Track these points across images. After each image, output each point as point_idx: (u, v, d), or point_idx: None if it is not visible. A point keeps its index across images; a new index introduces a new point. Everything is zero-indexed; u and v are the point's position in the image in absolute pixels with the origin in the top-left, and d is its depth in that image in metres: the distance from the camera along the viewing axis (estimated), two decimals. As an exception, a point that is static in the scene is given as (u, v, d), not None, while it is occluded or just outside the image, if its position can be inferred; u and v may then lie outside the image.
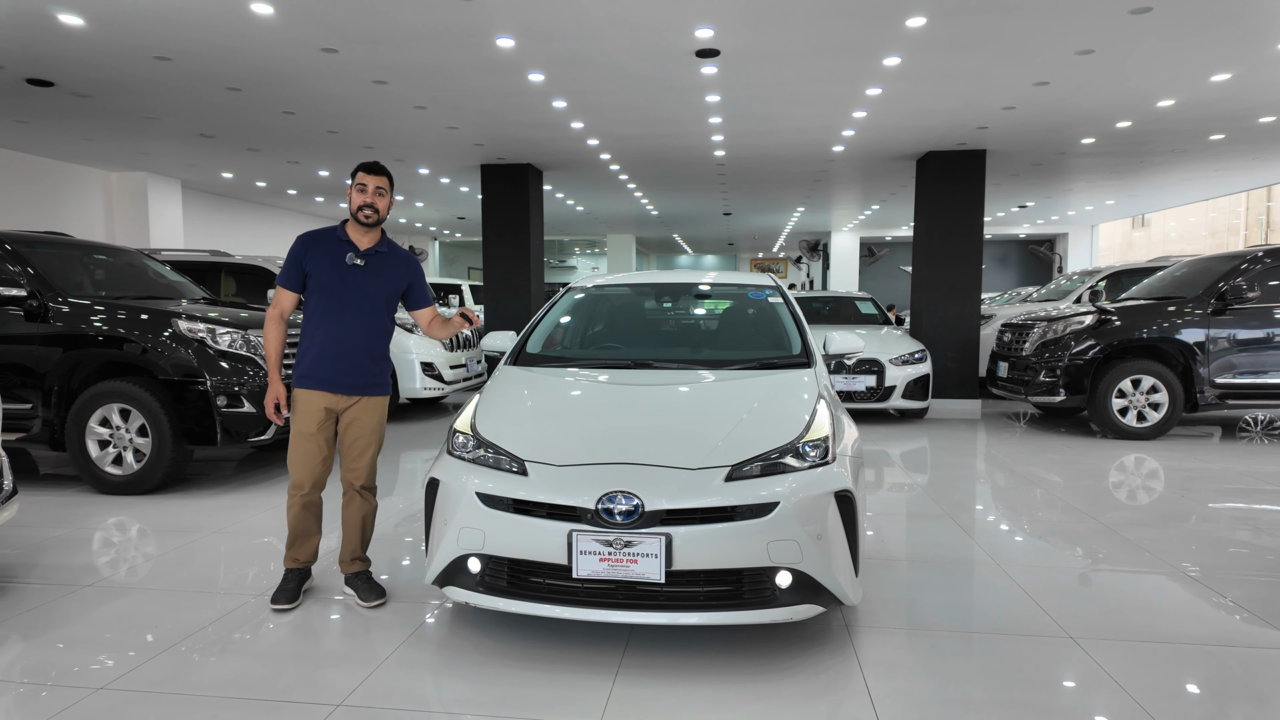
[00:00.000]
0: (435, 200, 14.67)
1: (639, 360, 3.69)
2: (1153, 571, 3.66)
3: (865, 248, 21.07)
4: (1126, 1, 5.02)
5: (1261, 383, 7.13)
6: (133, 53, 5.92)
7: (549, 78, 6.55)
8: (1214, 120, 8.25)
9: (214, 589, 3.45)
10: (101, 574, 3.64)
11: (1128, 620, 3.11)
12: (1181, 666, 2.72)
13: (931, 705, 2.46)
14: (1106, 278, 10.70)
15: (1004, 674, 2.67)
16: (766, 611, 2.62)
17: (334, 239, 3.21)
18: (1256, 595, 3.35)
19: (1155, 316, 7.37)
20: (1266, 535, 4.23)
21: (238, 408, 5.27)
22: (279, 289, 3.21)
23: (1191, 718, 2.37)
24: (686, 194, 13.64)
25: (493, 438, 2.95)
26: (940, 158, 9.75)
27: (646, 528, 2.58)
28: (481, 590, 2.77)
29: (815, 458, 2.80)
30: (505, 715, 2.40)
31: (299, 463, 3.18)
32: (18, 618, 3.12)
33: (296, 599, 3.22)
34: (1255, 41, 5.75)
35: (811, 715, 2.41)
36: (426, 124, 8.22)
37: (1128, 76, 6.60)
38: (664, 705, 2.45)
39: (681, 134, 8.71)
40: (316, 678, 2.64)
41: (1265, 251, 7.50)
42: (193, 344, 5.24)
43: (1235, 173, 11.78)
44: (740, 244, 25.88)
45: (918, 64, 6.20)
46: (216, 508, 4.82)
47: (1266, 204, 27.32)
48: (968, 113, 7.78)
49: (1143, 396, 7.34)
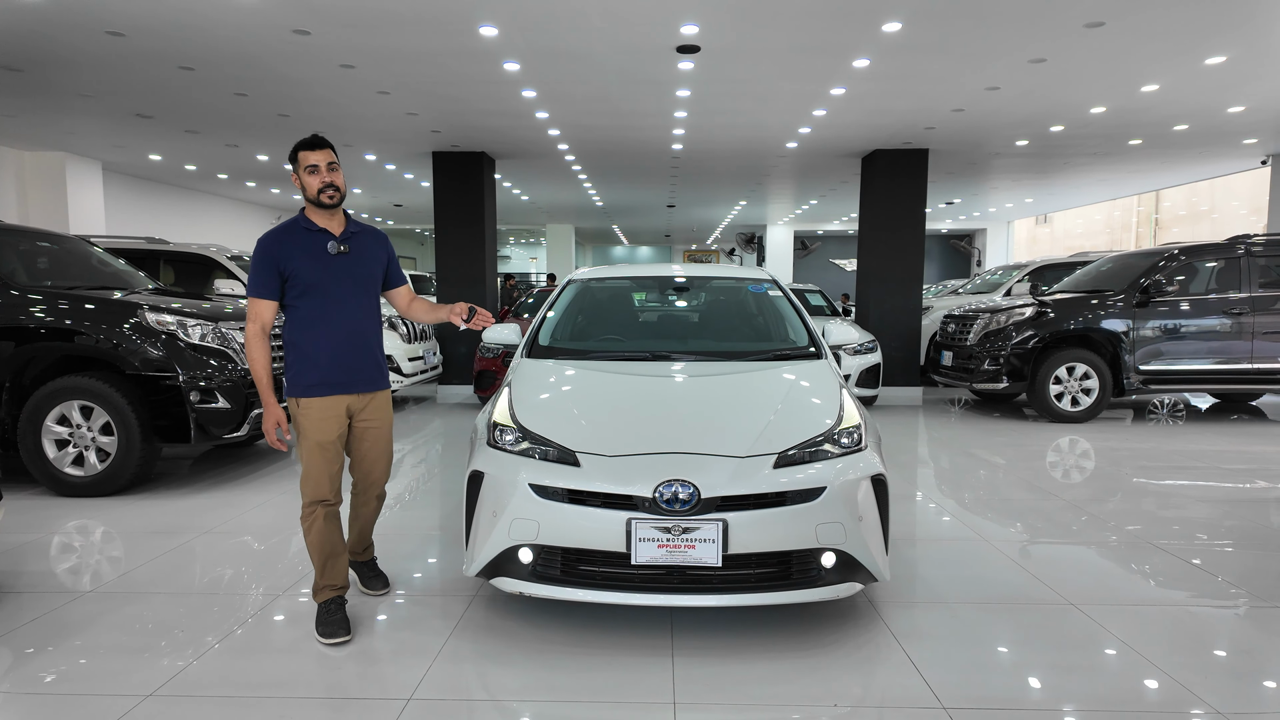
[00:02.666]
0: (375, 187, 14.25)
1: (657, 353, 3.77)
2: (1122, 543, 4.01)
3: (799, 241, 21.65)
4: (1082, 15, 5.39)
5: (1180, 369, 7.80)
6: (83, 27, 5.54)
7: (525, 67, 6.50)
8: (1136, 126, 8.90)
9: (224, 590, 3.36)
10: (100, 579, 3.48)
11: (1115, 587, 3.42)
12: (1175, 625, 3.02)
13: (970, 669, 2.66)
14: (1031, 272, 11.40)
15: (1024, 638, 2.91)
16: (813, 590, 2.77)
17: (303, 232, 2.90)
18: (1219, 561, 3.73)
19: (1087, 308, 7.94)
20: (1214, 506, 4.68)
21: (211, 403, 5.07)
22: (255, 300, 2.85)
23: (1193, 667, 2.65)
24: (635, 185, 13.72)
25: (539, 429, 2.98)
26: (887, 155, 10.15)
27: (704, 514, 2.68)
28: (535, 580, 2.81)
29: (851, 444, 2.97)
30: (581, 699, 2.46)
31: (320, 475, 2.88)
32: (24, 628, 2.96)
33: (350, 628, 2.89)
34: (1188, 56, 6.26)
35: (867, 684, 2.58)
36: (385, 110, 8.00)
37: (1070, 84, 7.07)
38: (727, 682, 2.57)
39: (644, 126, 8.77)
40: (375, 673, 2.63)
41: (1181, 249, 8.18)
42: (162, 337, 5.01)
43: (1146, 175, 12.71)
44: (676, 235, 26.14)
45: (884, 66, 6.47)
46: (196, 508, 4.64)
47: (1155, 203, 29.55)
48: (920, 113, 8.14)
49: (1077, 383, 7.91)
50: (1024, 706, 2.42)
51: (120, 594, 3.30)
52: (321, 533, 2.90)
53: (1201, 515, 4.52)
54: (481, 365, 8.38)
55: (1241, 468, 5.79)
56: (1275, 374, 7.71)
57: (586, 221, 21.00)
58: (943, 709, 2.40)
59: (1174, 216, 22.59)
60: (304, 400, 2.89)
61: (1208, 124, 8.80)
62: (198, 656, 2.72)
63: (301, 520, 2.92)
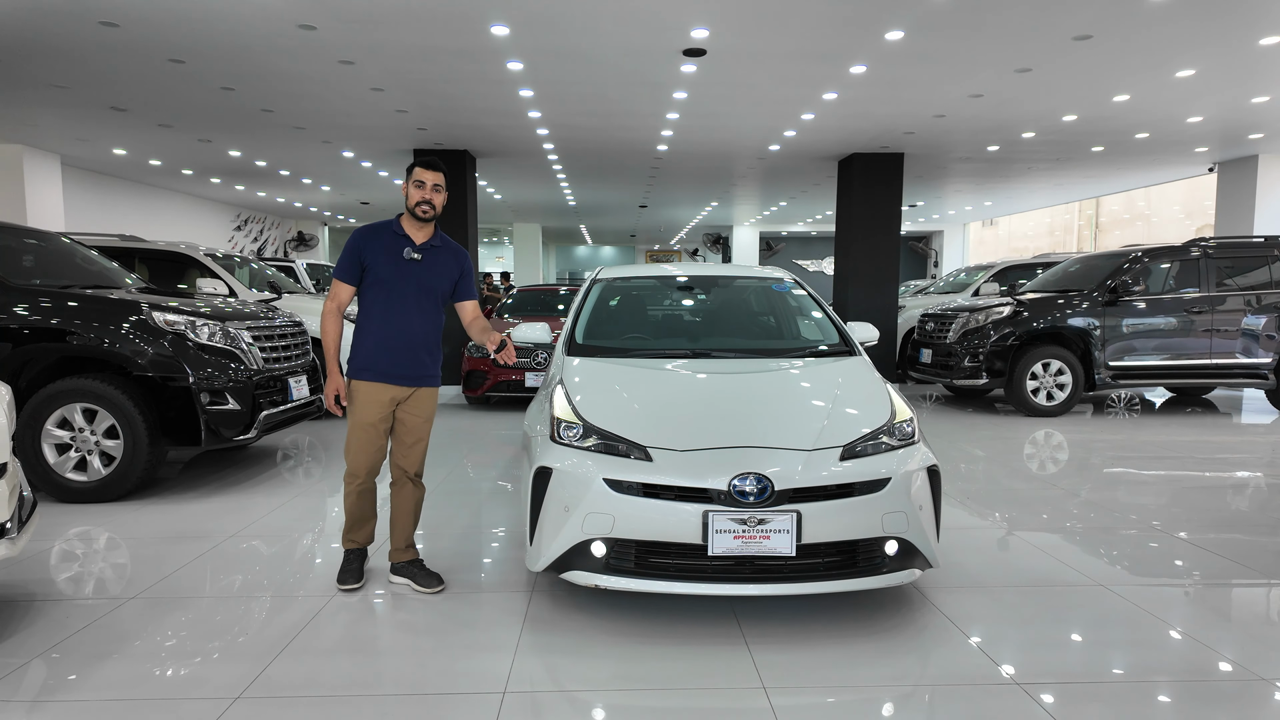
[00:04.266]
0: (345, 184, 14.00)
1: (698, 350, 3.85)
2: (1129, 527, 4.25)
3: (764, 242, 22.00)
4: (1072, 28, 5.66)
5: (1147, 364, 8.22)
6: (77, 16, 5.36)
7: (528, 66, 6.51)
8: (1102, 134, 9.36)
9: (272, 592, 3.31)
10: (138, 585, 3.39)
11: (1133, 568, 3.64)
12: (1200, 601, 3.24)
13: (1029, 647, 2.81)
14: (996, 273, 11.85)
15: (1068, 616, 3.09)
16: (878, 578, 2.89)
17: (390, 233, 3.24)
18: (1222, 540, 3.99)
19: (1060, 308, 8.32)
20: (1204, 493, 4.98)
21: (222, 405, 4.97)
22: (336, 282, 3.22)
23: (1224, 642, 2.86)
24: (612, 185, 13.78)
25: (605, 425, 3.03)
26: (864, 159, 10.44)
27: (778, 505, 2.77)
28: (608, 572, 2.86)
29: (906, 437, 3.10)
30: (672, 687, 2.52)
31: (358, 452, 3.22)
32: (75, 636, 2.88)
33: (362, 578, 3.33)
34: (1162, 69, 6.63)
35: (937, 665, 2.70)
36: (375, 106, 7.90)
37: (1049, 93, 7.40)
38: (806, 666, 2.66)
39: (635, 127, 8.85)
40: (461, 669, 2.65)
41: (1144, 251, 8.62)
42: (170, 337, 4.88)
43: (1099, 180, 13.33)
44: (641, 236, 26.27)
45: (880, 73, 6.67)
46: (211, 512, 4.54)
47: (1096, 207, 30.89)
48: (903, 118, 8.41)
49: (1052, 378, 8.27)
50: (1092, 680, 2.58)
51: (165, 599, 3.23)
52: (355, 503, 3.32)
53: (1195, 501, 4.81)
54: (470, 365, 8.35)
55: (1215, 456, 6.16)
56: (1232, 368, 8.19)
57: (554, 221, 20.96)
58: (1016, 685, 2.53)
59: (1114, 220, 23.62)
60: (354, 381, 3.22)
61: (1166, 132, 9.29)
62: (273, 658, 2.69)
63: (344, 481, 3.31)
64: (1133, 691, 2.51)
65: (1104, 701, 2.44)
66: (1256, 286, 8.23)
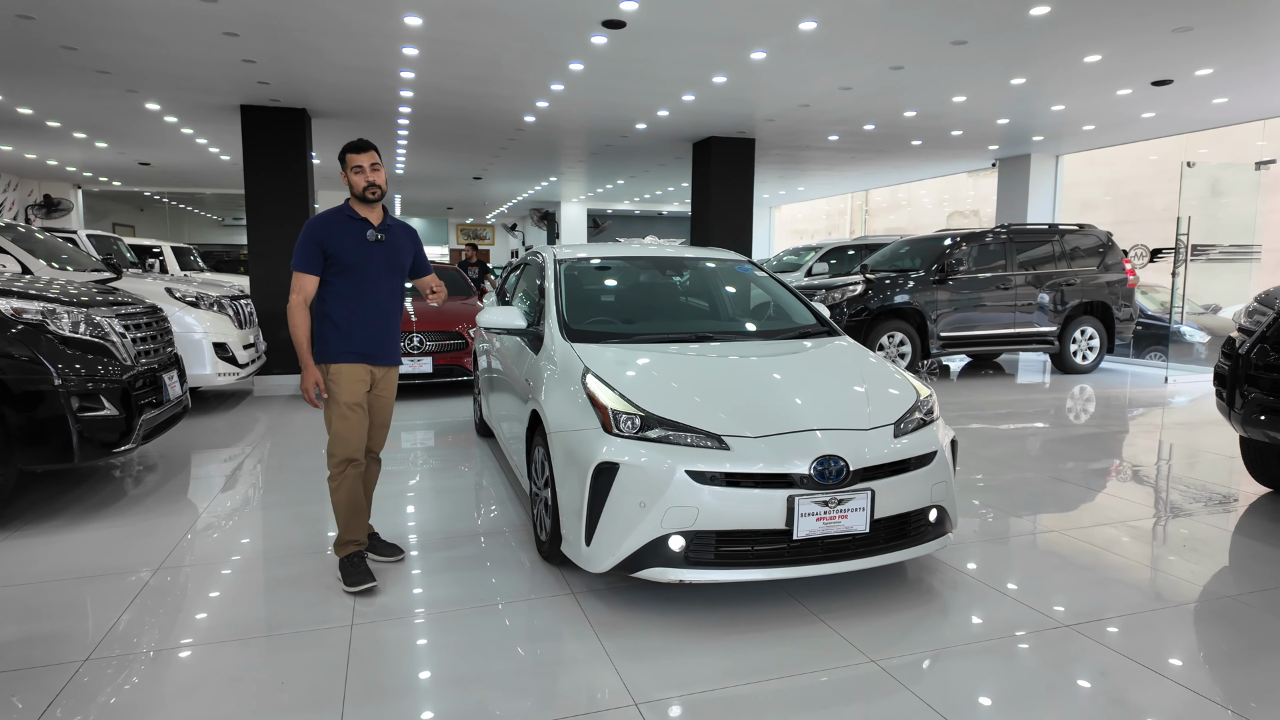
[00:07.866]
0: (130, 142, 11.88)
1: (700, 334, 3.82)
2: (1047, 479, 4.90)
3: (592, 219, 22.06)
4: (949, 34, 6.26)
5: (971, 334, 9.44)
6: None
7: (426, 22, 5.93)
8: (927, 130, 10.47)
9: (270, 630, 2.83)
10: (85, 643, 2.72)
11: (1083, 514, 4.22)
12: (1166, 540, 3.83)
13: (1052, 591, 3.16)
14: (824, 254, 12.94)
15: (1078, 558, 3.51)
16: (924, 545, 3.09)
17: (347, 219, 3.26)
18: (1118, 482, 4.73)
19: (903, 286, 9.28)
20: (1067, 443, 5.84)
21: (96, 410, 4.09)
22: (300, 275, 3.20)
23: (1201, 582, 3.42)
24: (454, 156, 13.02)
25: (670, 414, 2.92)
26: (720, 142, 10.81)
27: (854, 485, 2.85)
28: (690, 566, 2.78)
29: (931, 412, 3.32)
30: (788, 674, 2.52)
31: (351, 436, 3.21)
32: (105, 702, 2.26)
33: (374, 575, 3.21)
34: (1003, 76, 7.54)
35: (991, 618, 2.95)
36: (218, 54, 6.76)
37: (909, 91, 8.13)
38: (889, 636, 2.79)
39: (510, 96, 8.42)
40: (582, 684, 2.45)
41: (961, 236, 9.83)
42: (22, 329, 3.91)
43: (901, 169, 14.91)
44: (459, 209, 25.15)
45: (774, 60, 6.92)
46: (113, 540, 3.74)
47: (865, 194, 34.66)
48: (770, 106, 8.81)
49: (895, 348, 9.23)
50: (1121, 613, 2.96)
51: (133, 657, 2.62)
52: (351, 491, 3.23)
53: (1071, 450, 5.63)
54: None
55: (1040, 410, 7.26)
56: (1030, 336, 9.68)
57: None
58: (1064, 627, 2.85)
59: (878, 206, 26.56)
60: (335, 366, 3.21)
61: (977, 132, 10.62)
62: (342, 706, 2.30)
63: (330, 481, 3.24)
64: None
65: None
66: (1044, 265, 9.75)
